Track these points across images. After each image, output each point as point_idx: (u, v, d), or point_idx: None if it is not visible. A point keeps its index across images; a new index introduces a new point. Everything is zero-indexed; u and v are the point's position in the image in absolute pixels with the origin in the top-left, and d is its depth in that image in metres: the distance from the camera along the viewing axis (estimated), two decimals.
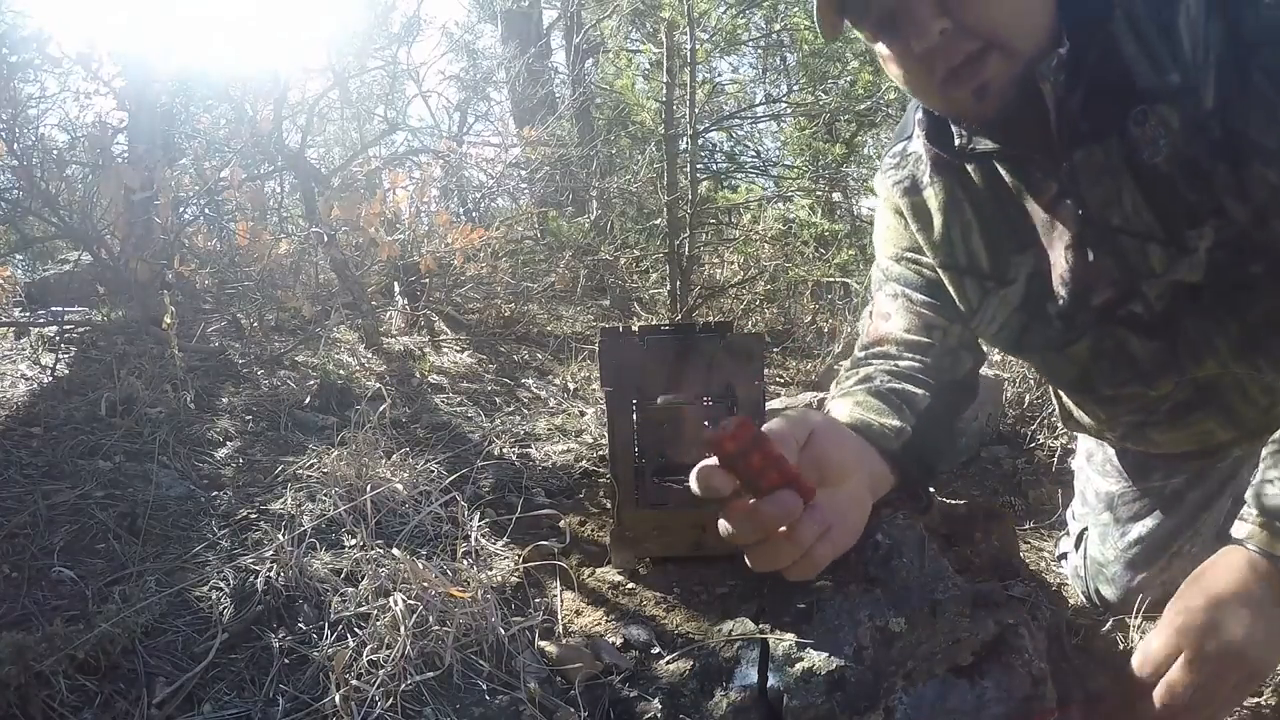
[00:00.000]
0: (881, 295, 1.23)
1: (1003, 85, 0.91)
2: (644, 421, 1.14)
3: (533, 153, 3.89)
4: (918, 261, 1.19)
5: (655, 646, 1.02)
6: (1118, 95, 0.93)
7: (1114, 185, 0.97)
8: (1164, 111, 0.92)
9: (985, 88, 0.91)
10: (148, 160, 2.29)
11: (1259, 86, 0.87)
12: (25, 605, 0.99)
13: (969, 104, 0.94)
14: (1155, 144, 0.93)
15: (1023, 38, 0.90)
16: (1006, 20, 0.89)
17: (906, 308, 1.19)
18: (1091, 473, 1.38)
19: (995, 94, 0.92)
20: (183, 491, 1.32)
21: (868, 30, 0.96)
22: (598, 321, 3.29)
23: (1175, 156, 0.92)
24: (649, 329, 1.15)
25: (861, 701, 0.83)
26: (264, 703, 0.87)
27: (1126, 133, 0.94)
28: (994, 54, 0.90)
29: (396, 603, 0.95)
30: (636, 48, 5.04)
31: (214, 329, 2.23)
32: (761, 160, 5.07)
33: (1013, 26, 0.90)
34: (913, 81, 0.97)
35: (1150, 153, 0.93)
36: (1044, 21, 0.92)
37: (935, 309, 1.17)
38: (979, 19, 0.88)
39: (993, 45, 0.89)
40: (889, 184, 1.19)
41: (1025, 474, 1.87)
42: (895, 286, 1.21)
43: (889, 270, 1.22)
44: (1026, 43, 0.91)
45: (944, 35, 0.88)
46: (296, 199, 3.35)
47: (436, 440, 1.68)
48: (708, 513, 1.14)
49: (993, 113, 0.95)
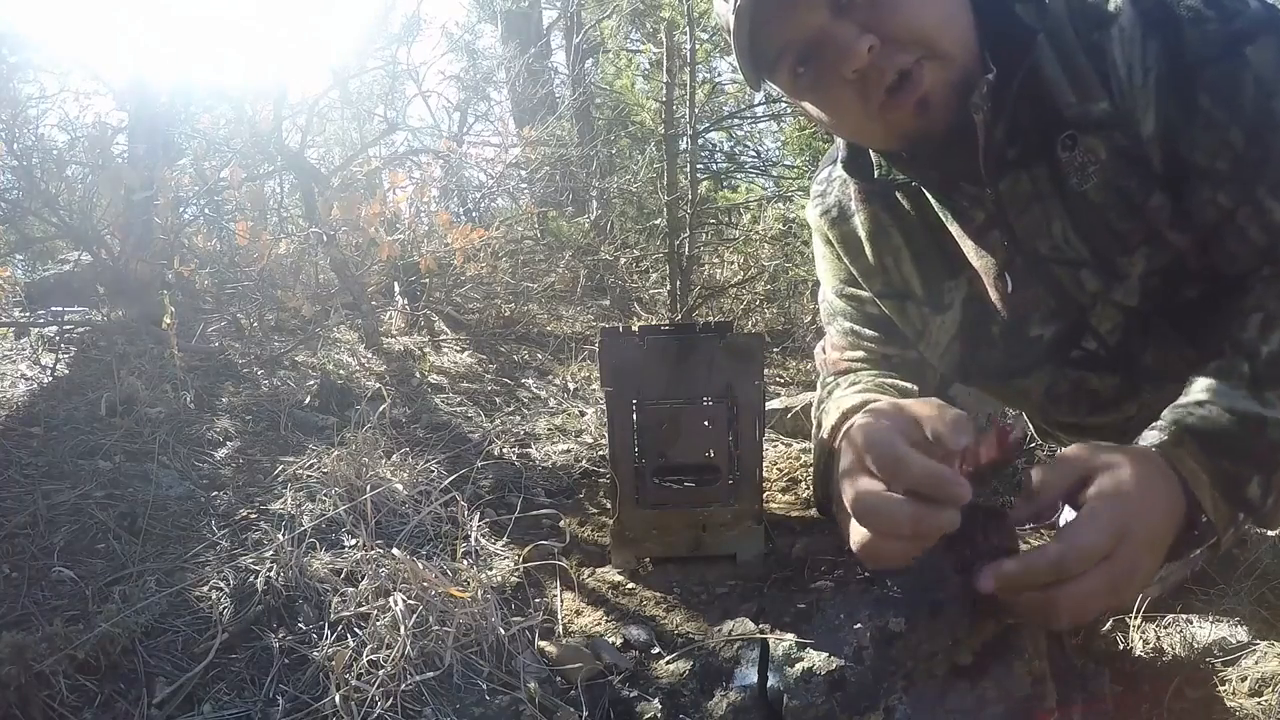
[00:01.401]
0: (833, 329, 1.22)
1: (944, 95, 0.87)
2: (644, 421, 1.14)
3: (533, 153, 3.89)
4: (858, 296, 1.17)
5: (655, 646, 1.01)
6: (1045, 122, 0.90)
7: (1042, 213, 0.94)
8: (1090, 142, 0.88)
9: (926, 101, 0.86)
10: (148, 160, 2.29)
11: (1204, 108, 0.83)
12: (25, 605, 0.99)
13: (912, 124, 0.89)
14: (1083, 171, 0.90)
15: (953, 43, 0.86)
16: (934, 26, 0.85)
17: (856, 344, 1.18)
18: None
19: (938, 105, 0.87)
20: (183, 491, 1.32)
21: (785, 71, 0.91)
22: (598, 321, 3.29)
23: (1105, 186, 0.89)
24: (649, 329, 1.15)
25: (861, 701, 0.83)
26: (264, 703, 0.87)
27: (1054, 159, 0.91)
28: (928, 64, 0.85)
29: (396, 603, 0.95)
30: (636, 48, 5.04)
31: (214, 329, 2.23)
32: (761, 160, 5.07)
33: (941, 32, 0.85)
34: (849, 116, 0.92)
35: (1079, 180, 0.90)
36: (969, 35, 0.87)
37: (884, 341, 1.16)
38: (906, 28, 0.84)
39: (926, 54, 0.85)
40: (817, 214, 1.17)
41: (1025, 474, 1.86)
42: (842, 322, 1.19)
43: (834, 305, 1.21)
44: (958, 48, 0.86)
45: (873, 52, 0.83)
46: (296, 199, 3.35)
47: (436, 440, 1.67)
48: (707, 513, 1.15)
49: (940, 125, 0.89)
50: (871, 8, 0.84)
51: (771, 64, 0.91)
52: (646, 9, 4.37)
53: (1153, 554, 0.74)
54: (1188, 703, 1.07)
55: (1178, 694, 1.07)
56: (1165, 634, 1.19)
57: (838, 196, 1.14)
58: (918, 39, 0.84)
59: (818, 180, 1.19)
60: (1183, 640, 1.17)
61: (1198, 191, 0.87)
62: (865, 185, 1.07)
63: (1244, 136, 0.83)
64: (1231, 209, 0.85)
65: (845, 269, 1.16)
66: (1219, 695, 1.07)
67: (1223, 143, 0.84)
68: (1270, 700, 1.03)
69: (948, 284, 1.06)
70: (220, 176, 2.65)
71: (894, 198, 1.07)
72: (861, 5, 0.84)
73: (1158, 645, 1.18)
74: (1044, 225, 0.95)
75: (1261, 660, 1.10)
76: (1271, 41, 0.82)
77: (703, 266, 3.71)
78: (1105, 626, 1.22)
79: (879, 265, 1.11)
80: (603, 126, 5.05)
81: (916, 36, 0.84)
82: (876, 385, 1.10)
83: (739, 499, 1.14)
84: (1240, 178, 0.84)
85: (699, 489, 1.14)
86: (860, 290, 1.16)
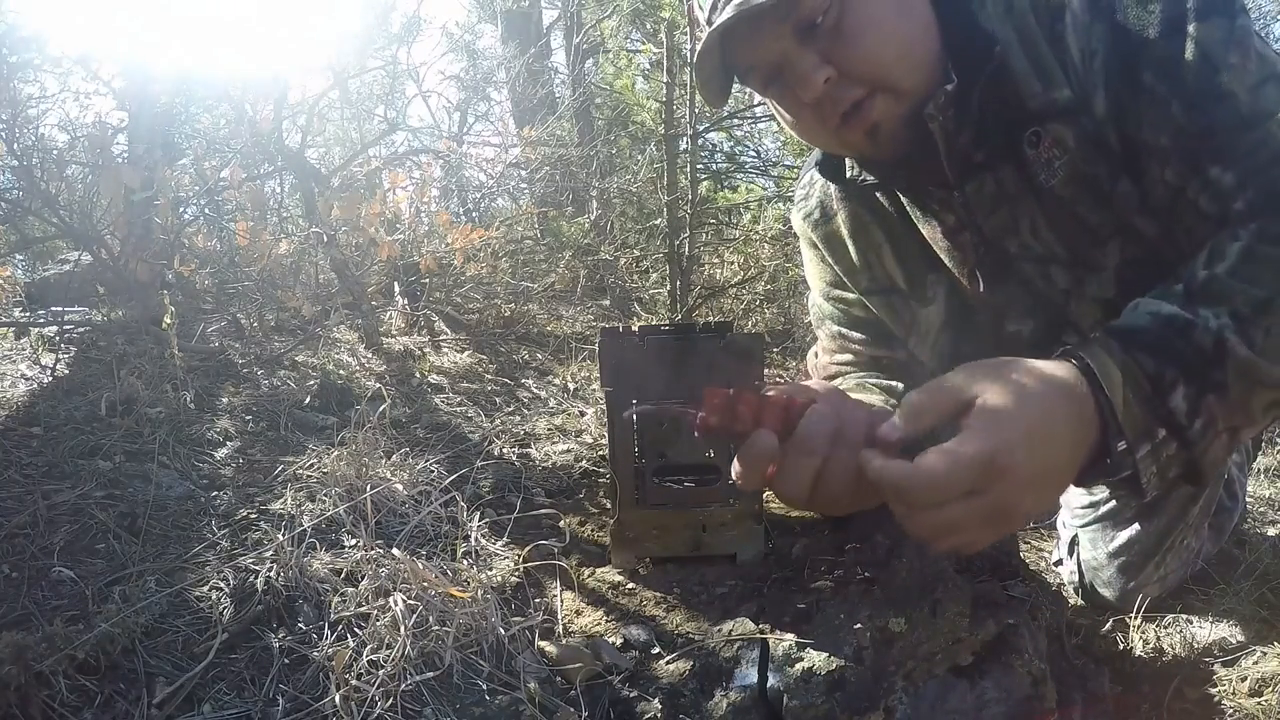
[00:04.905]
0: (822, 333, 1.24)
1: (893, 127, 0.90)
2: (644, 421, 1.14)
3: (533, 153, 3.89)
4: (844, 299, 1.19)
5: (655, 646, 1.01)
6: (1011, 120, 0.91)
7: (1010, 213, 0.95)
8: (1057, 130, 0.89)
9: (876, 129, 0.90)
10: (148, 160, 2.29)
11: (1148, 84, 0.83)
12: (25, 605, 0.99)
13: (865, 146, 0.93)
14: (1050, 166, 0.91)
15: (907, 77, 0.88)
16: (889, 62, 0.87)
17: (844, 346, 1.19)
18: None
19: (887, 135, 0.91)
20: (183, 491, 1.32)
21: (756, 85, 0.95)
22: (598, 321, 3.29)
23: (1074, 177, 0.90)
24: (649, 329, 1.15)
25: (861, 701, 0.83)
26: (264, 703, 0.87)
27: (1022, 159, 0.92)
28: (880, 97, 0.88)
29: (396, 603, 0.95)
30: (636, 48, 5.04)
31: (214, 329, 2.23)
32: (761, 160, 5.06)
33: (896, 68, 0.88)
34: (807, 130, 0.96)
35: (1046, 176, 0.91)
36: (928, 58, 0.89)
37: (871, 343, 1.17)
38: (862, 64, 0.87)
39: (880, 87, 0.88)
40: (800, 218, 1.19)
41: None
42: (830, 325, 1.21)
43: (821, 308, 1.23)
44: (912, 81, 0.89)
45: (829, 84, 0.87)
46: (296, 199, 3.35)
47: (436, 440, 1.67)
48: (707, 513, 1.15)
49: (888, 153, 0.93)
50: (834, 37, 0.86)
51: (743, 76, 0.95)
52: (646, 9, 4.36)
53: (1041, 487, 0.68)
54: (1187, 703, 1.07)
55: (1177, 694, 1.07)
56: (1165, 634, 1.20)
57: (820, 198, 1.16)
58: (874, 73, 0.87)
59: (800, 185, 1.21)
60: (1183, 640, 1.17)
61: (1149, 171, 0.87)
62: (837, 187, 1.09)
63: (1185, 109, 0.82)
64: (1180, 185, 0.85)
65: (831, 271, 1.18)
66: (1218, 695, 1.07)
67: (1165, 117, 0.83)
68: (1270, 700, 1.03)
69: (930, 277, 1.08)
70: (220, 176, 2.64)
71: (873, 195, 1.08)
72: (825, 34, 0.86)
73: (1158, 645, 1.18)
74: (1012, 224, 0.96)
75: (1261, 660, 1.10)
76: (1222, 23, 0.81)
77: (703, 266, 3.70)
78: (1105, 627, 1.23)
79: (863, 262, 1.12)
80: (603, 126, 5.05)
81: (873, 70, 0.87)
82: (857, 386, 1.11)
83: (739, 499, 1.14)
84: (1184, 150, 0.83)
85: (699, 489, 1.14)
86: (847, 292, 1.17)
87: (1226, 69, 0.80)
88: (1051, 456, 0.67)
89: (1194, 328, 0.72)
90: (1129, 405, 0.70)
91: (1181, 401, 0.71)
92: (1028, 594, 1.04)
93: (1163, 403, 0.70)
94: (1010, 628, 0.90)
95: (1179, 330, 0.72)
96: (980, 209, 0.96)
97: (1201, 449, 0.73)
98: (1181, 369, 0.71)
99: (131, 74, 2.35)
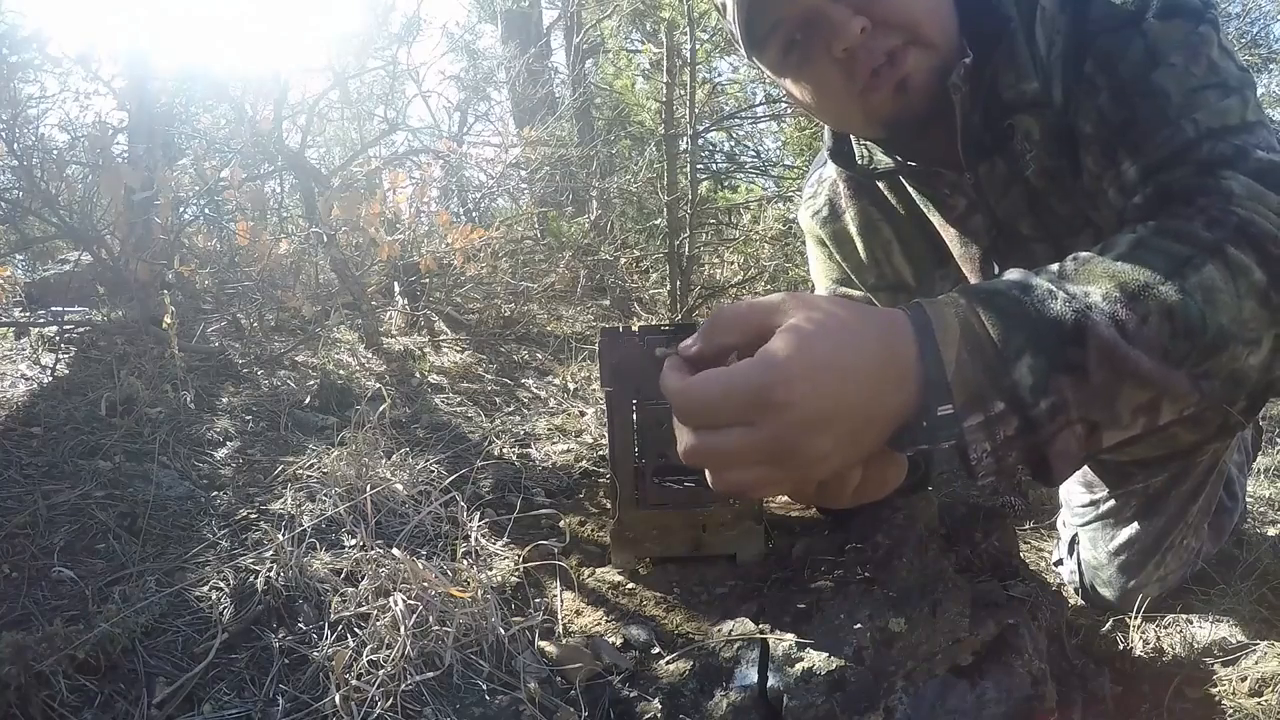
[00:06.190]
0: None
1: (924, 79, 0.89)
2: (644, 421, 1.14)
3: (533, 153, 3.89)
4: (850, 296, 1.19)
5: (655, 646, 1.01)
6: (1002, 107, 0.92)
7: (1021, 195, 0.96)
8: (1026, 122, 0.90)
9: (905, 83, 0.89)
10: (148, 160, 2.29)
11: (1088, 73, 0.84)
12: (25, 605, 0.99)
13: (889, 106, 0.91)
14: (1023, 158, 0.91)
15: (939, 33, 0.89)
16: (922, 13, 0.88)
17: None
18: (1072, 483, 1.38)
19: (917, 88, 0.90)
20: (183, 491, 1.32)
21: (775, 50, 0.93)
22: (598, 321, 3.29)
23: (1042, 170, 0.90)
24: (649, 329, 1.15)
25: (861, 701, 0.83)
26: (264, 703, 0.87)
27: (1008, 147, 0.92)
28: (914, 49, 0.88)
29: (396, 603, 0.95)
30: (636, 48, 5.04)
31: (214, 329, 2.23)
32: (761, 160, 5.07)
33: (928, 21, 0.89)
34: (830, 95, 0.93)
35: (1021, 166, 0.92)
36: (952, 25, 0.90)
37: None
38: (896, 14, 0.87)
39: (912, 40, 0.88)
40: (808, 216, 1.19)
41: (1025, 474, 1.86)
42: None
43: None
44: (942, 37, 0.89)
45: (865, 33, 0.86)
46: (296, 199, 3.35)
47: (436, 440, 1.67)
48: (707, 513, 1.15)
49: (914, 112, 0.91)
50: None
51: (762, 40, 0.93)
52: (646, 9, 4.36)
53: (828, 432, 0.59)
54: (1187, 703, 1.07)
55: (1177, 694, 1.07)
56: (1165, 634, 1.20)
57: (828, 196, 1.16)
58: (906, 25, 0.87)
59: (808, 184, 1.21)
60: (1182, 640, 1.17)
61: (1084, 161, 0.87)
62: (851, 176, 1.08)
63: (1111, 99, 0.82)
64: (1099, 174, 0.85)
65: (838, 268, 1.18)
66: (1218, 695, 1.07)
67: (1093, 106, 0.84)
68: (1270, 700, 1.03)
69: (938, 273, 1.08)
70: (220, 176, 2.64)
71: (881, 193, 1.08)
72: None
73: (1158, 645, 1.18)
74: (1024, 205, 0.96)
75: (1261, 660, 1.10)
76: (1182, 25, 0.81)
77: (703, 266, 3.71)
78: (1105, 627, 1.22)
79: (871, 259, 1.12)
80: (603, 126, 5.05)
81: (906, 22, 0.87)
82: None
83: (739, 499, 1.14)
84: (1103, 141, 0.83)
85: (699, 489, 1.14)
86: (853, 290, 1.17)
87: (1166, 67, 0.80)
88: (844, 400, 0.59)
89: (1053, 298, 0.64)
90: (963, 366, 0.61)
91: (1027, 374, 0.62)
92: (1028, 594, 1.04)
93: (1005, 371, 0.62)
94: (1010, 628, 0.90)
95: (1037, 299, 0.65)
96: (993, 191, 0.96)
97: (1047, 434, 0.64)
98: (1030, 336, 0.63)
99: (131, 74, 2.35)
